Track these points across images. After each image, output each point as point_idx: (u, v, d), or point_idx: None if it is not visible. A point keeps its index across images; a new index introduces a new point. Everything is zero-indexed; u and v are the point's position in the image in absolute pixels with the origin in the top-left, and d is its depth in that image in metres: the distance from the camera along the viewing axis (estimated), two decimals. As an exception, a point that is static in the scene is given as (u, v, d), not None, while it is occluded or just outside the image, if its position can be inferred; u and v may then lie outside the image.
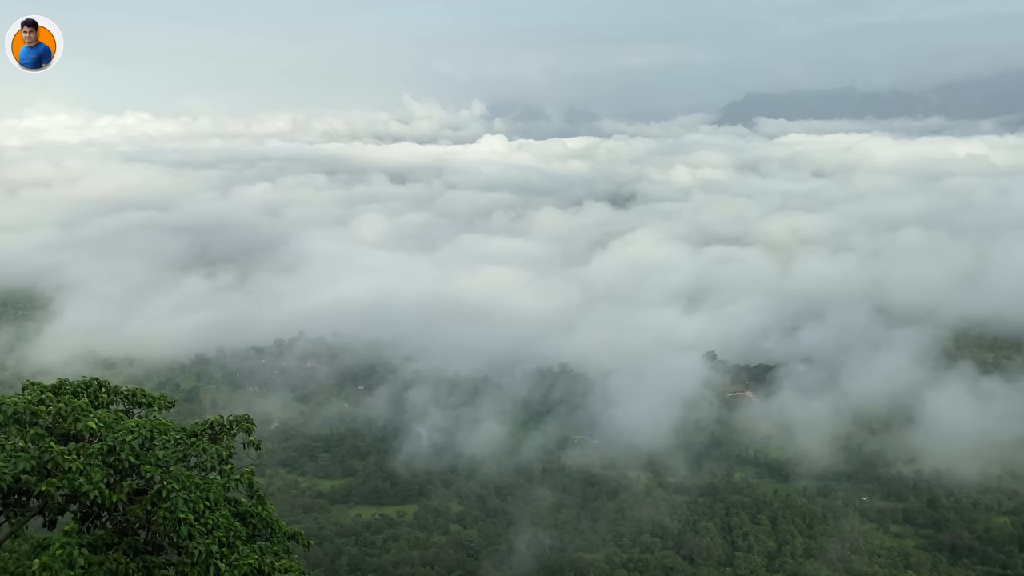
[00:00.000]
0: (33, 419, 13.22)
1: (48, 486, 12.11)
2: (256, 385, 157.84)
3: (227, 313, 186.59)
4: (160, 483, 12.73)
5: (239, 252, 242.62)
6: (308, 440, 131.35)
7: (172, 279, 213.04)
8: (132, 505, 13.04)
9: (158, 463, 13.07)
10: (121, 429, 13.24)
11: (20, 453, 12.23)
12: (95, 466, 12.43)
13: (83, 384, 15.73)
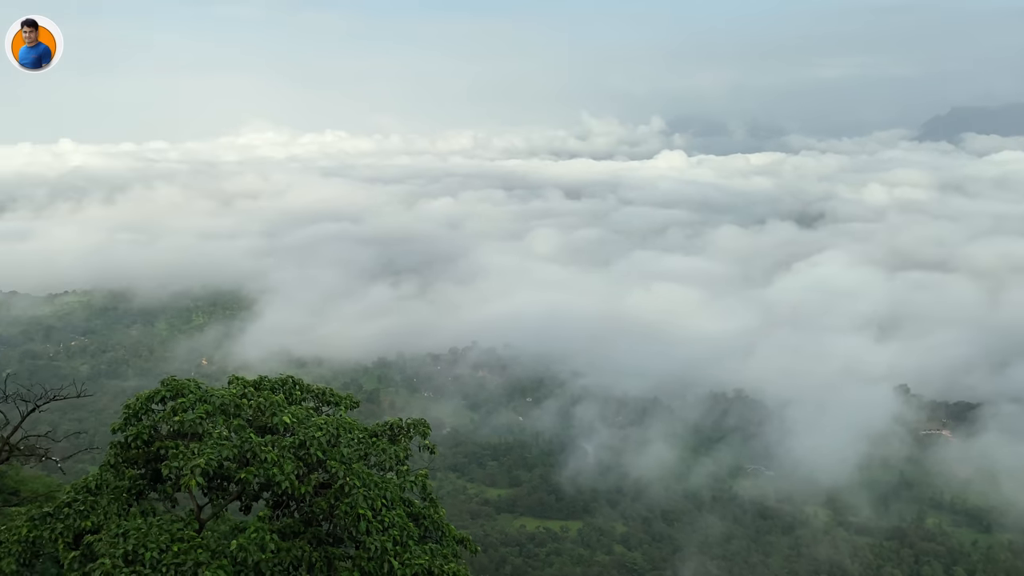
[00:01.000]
0: (237, 411, 14.42)
1: (247, 474, 13.13)
2: (431, 390, 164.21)
3: (408, 320, 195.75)
4: (343, 479, 13.44)
5: (421, 263, 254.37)
6: (477, 447, 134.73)
7: (360, 287, 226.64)
8: (317, 497, 13.86)
9: (342, 460, 13.80)
10: (311, 425, 14.14)
11: (224, 442, 13.36)
12: (287, 458, 13.34)
13: (280, 381, 16.95)
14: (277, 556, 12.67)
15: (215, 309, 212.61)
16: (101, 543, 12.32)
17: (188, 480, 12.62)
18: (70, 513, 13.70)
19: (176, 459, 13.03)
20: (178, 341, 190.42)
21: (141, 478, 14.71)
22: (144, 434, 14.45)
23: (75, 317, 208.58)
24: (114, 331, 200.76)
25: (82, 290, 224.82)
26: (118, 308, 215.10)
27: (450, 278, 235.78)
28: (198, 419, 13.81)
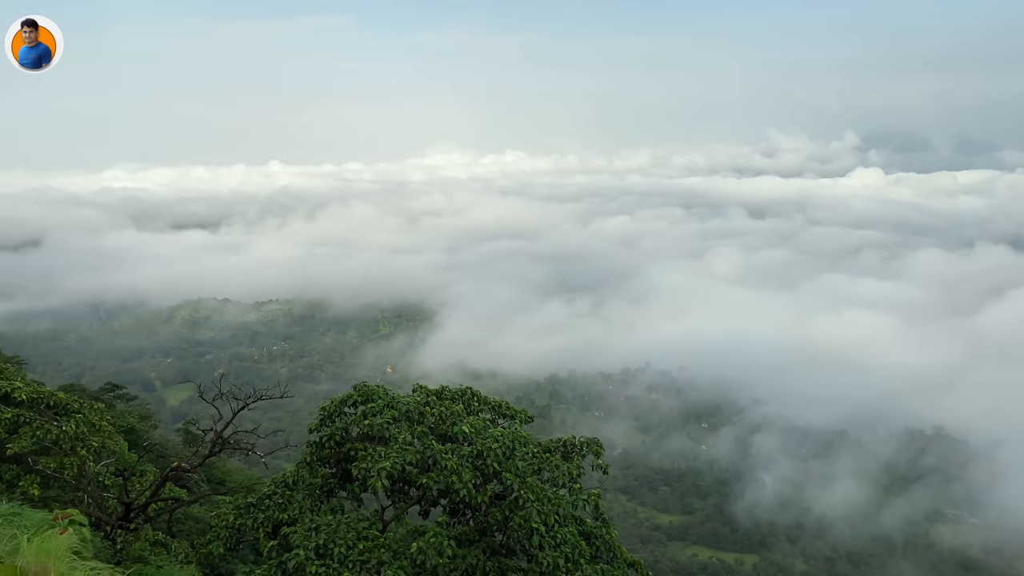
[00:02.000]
0: (420, 418, 15.03)
1: (428, 479, 13.63)
2: (602, 410, 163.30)
3: (581, 338, 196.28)
4: (518, 491, 13.60)
5: (596, 281, 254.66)
6: (648, 471, 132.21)
7: (535, 303, 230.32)
8: (493, 508, 14.12)
9: (517, 472, 13.99)
10: (488, 437, 14.46)
11: (408, 447, 13.96)
12: (466, 467, 13.72)
13: (459, 392, 17.50)
14: (453, 562, 13.02)
15: (400, 320, 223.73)
16: (296, 535, 13.23)
17: (375, 482, 13.27)
18: (270, 505, 14.84)
19: (364, 461, 13.76)
20: (366, 349, 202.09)
21: (332, 477, 15.67)
22: (336, 435, 15.40)
23: (277, 324, 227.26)
24: (310, 338, 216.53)
25: (284, 299, 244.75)
26: (315, 317, 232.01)
27: (624, 297, 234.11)
28: (385, 424, 14.52)
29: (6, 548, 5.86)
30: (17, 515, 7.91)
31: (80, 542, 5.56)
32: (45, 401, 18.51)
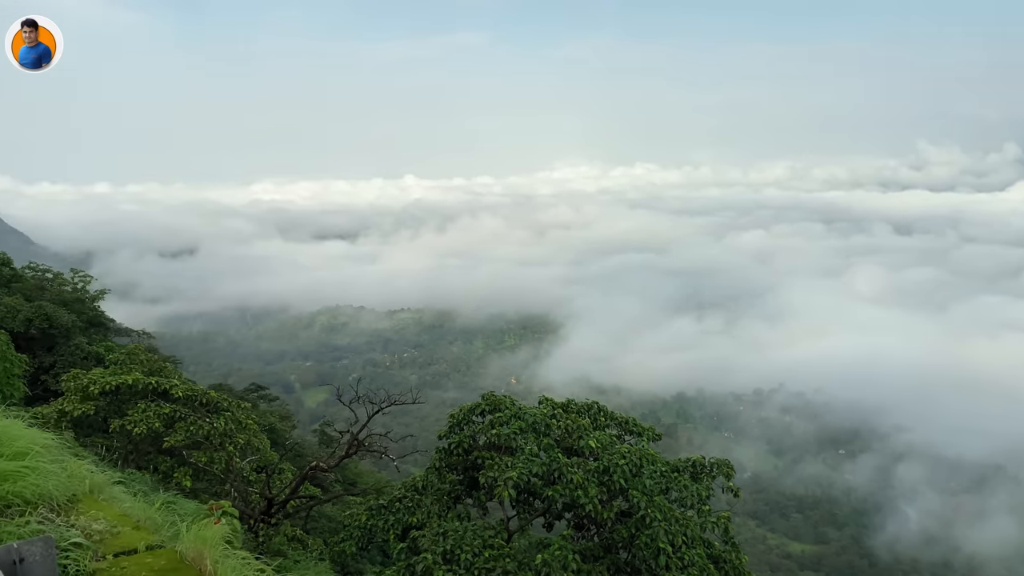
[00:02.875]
0: (547, 430, 15.06)
1: (553, 492, 13.62)
2: (732, 431, 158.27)
3: (710, 356, 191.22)
4: (644, 509, 13.36)
5: (727, 297, 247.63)
6: (780, 496, 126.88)
7: (663, 318, 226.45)
8: (618, 525, 13.94)
9: (644, 490, 13.74)
10: (615, 452, 14.30)
11: (534, 459, 14.00)
12: (592, 482, 13.61)
13: (586, 406, 17.40)
14: (576, 576, 12.93)
15: (525, 332, 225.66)
16: (424, 539, 13.54)
17: (501, 491, 13.39)
18: (400, 508, 15.27)
19: (491, 470, 13.92)
20: (491, 359, 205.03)
21: (460, 484, 15.94)
22: (464, 443, 15.66)
23: (408, 332, 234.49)
24: (439, 346, 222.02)
25: (415, 308, 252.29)
26: (443, 326, 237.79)
27: (758, 315, 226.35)
28: (512, 434, 14.63)
29: (167, 534, 6.34)
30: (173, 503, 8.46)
31: (231, 532, 5.92)
32: (198, 399, 19.87)
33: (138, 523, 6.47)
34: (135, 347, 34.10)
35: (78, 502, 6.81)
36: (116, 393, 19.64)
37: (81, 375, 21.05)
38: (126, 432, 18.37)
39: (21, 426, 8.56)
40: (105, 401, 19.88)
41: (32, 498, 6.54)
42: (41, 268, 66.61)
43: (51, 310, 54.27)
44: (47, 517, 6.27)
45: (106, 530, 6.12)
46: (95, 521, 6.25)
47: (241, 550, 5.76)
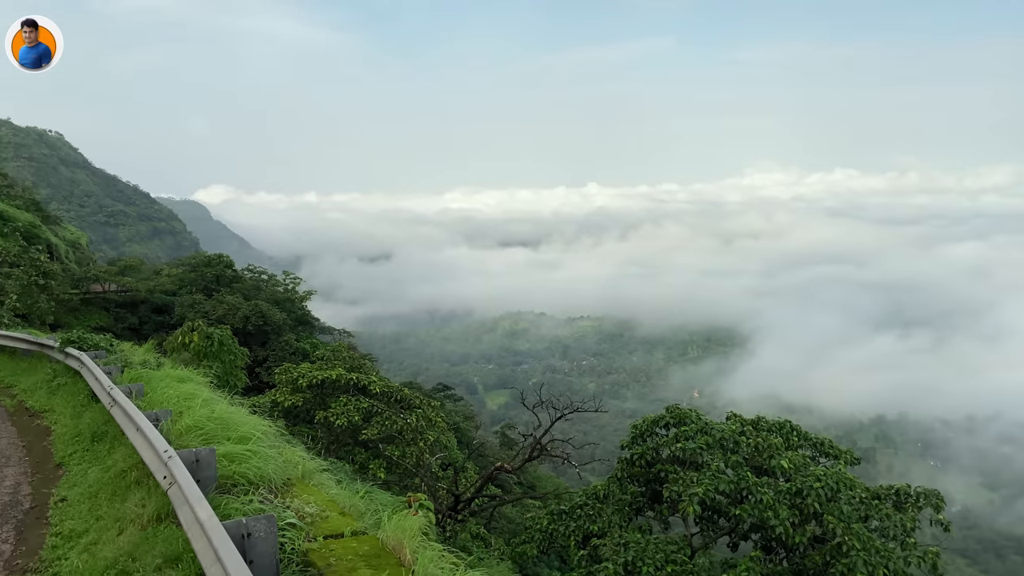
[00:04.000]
0: (735, 447, 14.51)
1: (741, 511, 13.09)
2: (939, 459, 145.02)
3: (916, 377, 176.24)
4: (841, 536, 12.52)
5: (936, 314, 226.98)
6: (995, 535, 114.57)
7: (862, 335, 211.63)
8: (811, 551, 13.16)
9: (841, 516, 12.89)
10: (809, 475, 13.51)
11: (721, 475, 13.54)
12: (783, 504, 12.95)
13: (777, 424, 16.59)
14: (765, 601, 12.35)
15: (709, 344, 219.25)
16: (605, 548, 13.47)
17: (686, 506, 13.06)
18: (581, 515, 15.29)
19: (676, 484, 13.61)
20: (673, 371, 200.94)
21: (641, 495, 15.73)
22: (647, 455, 15.44)
23: (588, 340, 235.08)
24: (618, 355, 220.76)
25: (595, 316, 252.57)
26: (623, 335, 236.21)
27: (972, 334, 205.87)
28: (698, 449, 14.24)
29: (369, 521, 6.73)
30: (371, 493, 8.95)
31: (428, 524, 6.19)
32: (393, 395, 21.03)
33: (343, 509, 6.92)
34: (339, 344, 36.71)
35: (292, 486, 7.40)
36: (321, 387, 21.22)
37: (291, 369, 22.94)
38: (329, 423, 19.78)
39: (244, 413, 9.46)
40: (311, 394, 21.54)
41: (254, 479, 7.19)
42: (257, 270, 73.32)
43: (266, 308, 59.58)
44: (266, 498, 6.86)
45: (316, 513, 6.59)
46: (307, 504, 6.76)
47: (436, 542, 6.00)
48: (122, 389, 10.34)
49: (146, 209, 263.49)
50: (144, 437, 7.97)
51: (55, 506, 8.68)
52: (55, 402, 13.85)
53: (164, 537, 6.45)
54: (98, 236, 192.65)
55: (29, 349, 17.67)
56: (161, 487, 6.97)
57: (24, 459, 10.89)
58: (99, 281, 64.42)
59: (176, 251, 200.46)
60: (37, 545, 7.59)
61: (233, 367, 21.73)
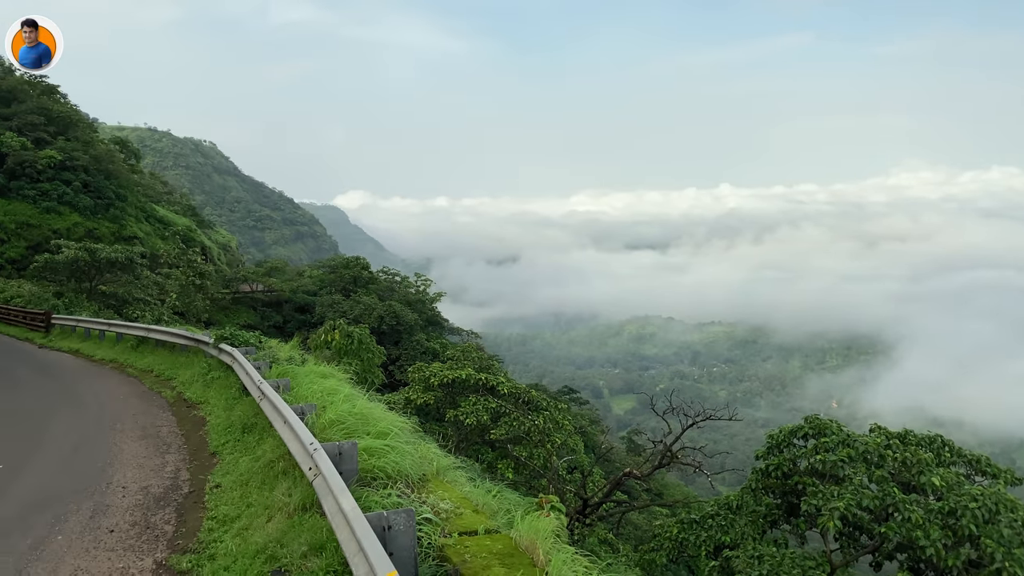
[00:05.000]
0: (880, 461, 13.70)
1: (887, 529, 12.34)
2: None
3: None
4: (1001, 563, 11.58)
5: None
6: None
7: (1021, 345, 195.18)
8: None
9: (1001, 540, 11.91)
10: (964, 494, 12.57)
11: (864, 490, 12.81)
12: (934, 524, 12.11)
13: (927, 438, 15.54)
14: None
15: (850, 352, 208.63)
16: (739, 560, 13.05)
17: (826, 521, 12.45)
18: (712, 525, 14.89)
19: (814, 497, 13.00)
20: (810, 379, 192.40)
21: (777, 508, 15.14)
22: (784, 466, 14.85)
23: (718, 346, 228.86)
24: (751, 363, 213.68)
25: (727, 322, 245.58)
26: (757, 342, 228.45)
27: None
28: (839, 462, 13.55)
29: (501, 520, 6.82)
30: (500, 493, 9.06)
31: (559, 526, 6.20)
32: (521, 397, 21.22)
33: (476, 507, 7.04)
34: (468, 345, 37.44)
35: (427, 481, 7.60)
36: (451, 386, 21.71)
37: (424, 368, 23.60)
38: (458, 422, 20.20)
39: (383, 409, 9.81)
40: (442, 392, 22.07)
41: (392, 474, 7.43)
42: (391, 272, 76.08)
43: (399, 309, 61.71)
44: (403, 492, 7.08)
45: (451, 510, 6.74)
46: (441, 501, 6.92)
47: (567, 545, 6.00)
48: (270, 384, 10.94)
49: (290, 214, 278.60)
50: (291, 429, 8.41)
51: (210, 492, 9.29)
52: (210, 394, 14.84)
53: (309, 526, 6.77)
54: (246, 239, 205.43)
55: (187, 344, 19.02)
56: (306, 478, 7.33)
57: (183, 447, 11.74)
58: (247, 281, 68.74)
59: (317, 253, 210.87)
60: (195, 527, 8.16)
61: (371, 365, 22.58)
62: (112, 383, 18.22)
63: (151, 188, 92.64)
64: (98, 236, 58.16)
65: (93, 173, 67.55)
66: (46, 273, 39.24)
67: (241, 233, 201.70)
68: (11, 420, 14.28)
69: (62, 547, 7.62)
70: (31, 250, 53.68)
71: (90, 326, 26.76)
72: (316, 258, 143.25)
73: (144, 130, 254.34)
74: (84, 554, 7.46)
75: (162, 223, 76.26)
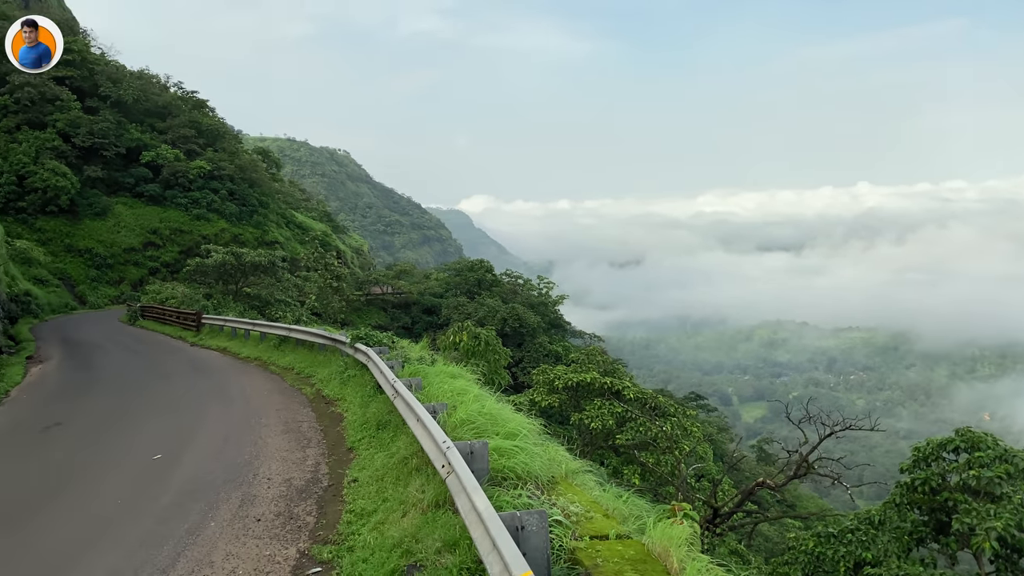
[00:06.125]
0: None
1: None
2: None
3: None
4: None
5: None
6: None
7: None
8: None
9: None
10: None
11: None
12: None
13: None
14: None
15: (1004, 361, 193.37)
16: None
17: (981, 542, 11.60)
18: (853, 540, 14.15)
19: (968, 515, 12.14)
20: (958, 389, 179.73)
21: (923, 525, 14.25)
22: (932, 481, 13.95)
23: (856, 352, 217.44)
24: (892, 370, 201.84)
25: (865, 327, 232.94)
26: (898, 348, 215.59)
27: None
28: (996, 478, 12.59)
29: (632, 526, 6.73)
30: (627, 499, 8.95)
31: (693, 535, 6.04)
32: (647, 402, 20.93)
33: (607, 511, 6.98)
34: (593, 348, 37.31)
35: (556, 484, 7.60)
36: (576, 389, 21.69)
37: (548, 370, 23.70)
38: (583, 426, 20.15)
39: (511, 410, 9.90)
40: (566, 395, 22.09)
41: (522, 475, 7.48)
42: (514, 275, 77.02)
43: (522, 311, 62.33)
44: (533, 493, 7.11)
45: (581, 513, 6.71)
46: (571, 504, 6.90)
47: (701, 554, 5.84)
48: (403, 382, 11.28)
49: (418, 218, 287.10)
50: (424, 427, 8.62)
51: (348, 486, 9.66)
52: (346, 392, 15.47)
53: (443, 523, 6.92)
54: (377, 243, 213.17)
55: (324, 344, 19.91)
56: (439, 475, 7.49)
57: (322, 442, 12.29)
58: (378, 284, 71.41)
59: (442, 256, 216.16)
60: (335, 520, 8.51)
61: (497, 366, 22.91)
62: (256, 379, 19.32)
63: (290, 195, 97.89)
64: (243, 241, 62.07)
65: (238, 182, 72.13)
66: (197, 276, 42.16)
67: (372, 237, 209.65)
68: (169, 413, 15.40)
69: (215, 533, 8.14)
70: (183, 254, 57.96)
71: (236, 325, 28.48)
72: (442, 261, 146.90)
73: (284, 140, 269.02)
74: (235, 540, 7.94)
75: (300, 228, 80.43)
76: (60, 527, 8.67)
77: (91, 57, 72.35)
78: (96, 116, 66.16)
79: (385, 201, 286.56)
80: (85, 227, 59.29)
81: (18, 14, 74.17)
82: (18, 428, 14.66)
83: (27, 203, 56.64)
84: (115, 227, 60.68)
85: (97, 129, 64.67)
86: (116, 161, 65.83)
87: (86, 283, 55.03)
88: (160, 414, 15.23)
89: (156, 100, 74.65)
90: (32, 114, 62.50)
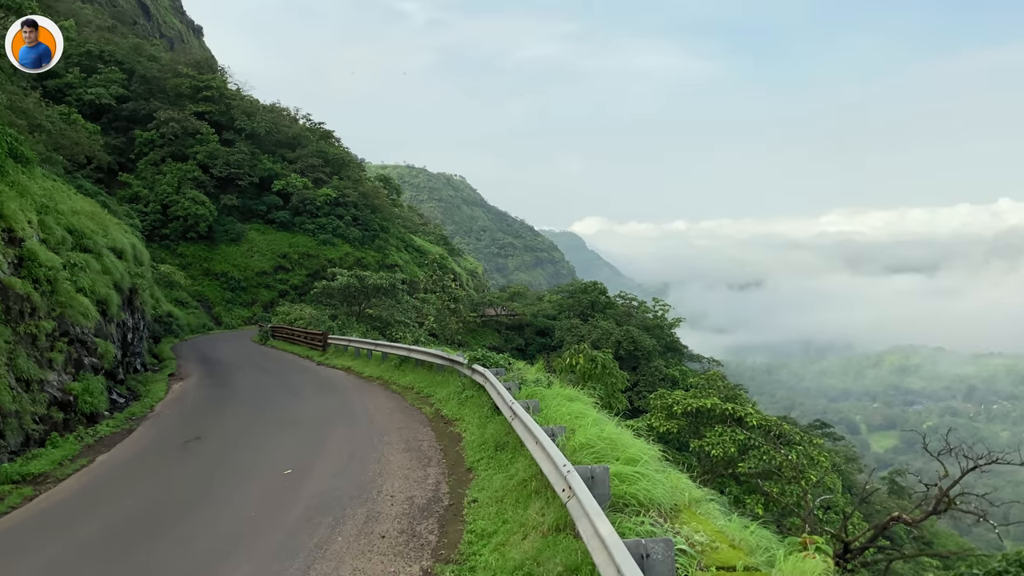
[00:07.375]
0: None
1: None
2: None
3: None
4: None
5: None
6: None
7: None
8: None
9: None
10: None
11: None
12: None
13: None
14: None
15: None
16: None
17: None
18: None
19: None
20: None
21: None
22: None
23: (999, 380, 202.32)
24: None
25: (1010, 353, 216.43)
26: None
27: None
28: None
29: (760, 558, 6.47)
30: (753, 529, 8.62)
31: (826, 570, 5.76)
32: (771, 429, 20.17)
33: (733, 542, 6.75)
34: (713, 373, 36.34)
35: (679, 512, 7.42)
36: (696, 415, 21.17)
37: (666, 395, 23.26)
38: (703, 453, 19.61)
39: (631, 435, 9.76)
40: (686, 421, 21.59)
41: (644, 501, 7.35)
42: (628, 296, 76.10)
43: (636, 334, 61.50)
44: (656, 521, 6.97)
45: (706, 543, 6.52)
46: (696, 533, 6.71)
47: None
48: (520, 404, 11.33)
49: (531, 241, 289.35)
50: (543, 450, 8.62)
51: (468, 506, 9.76)
52: (464, 412, 15.69)
53: (564, 547, 6.87)
54: (491, 266, 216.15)
55: (443, 364, 20.29)
56: (559, 499, 7.45)
57: (441, 461, 12.49)
58: (492, 305, 72.25)
59: (555, 278, 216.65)
60: (456, 539, 8.61)
61: (614, 390, 22.69)
62: (379, 398, 19.90)
63: (409, 220, 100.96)
64: (365, 264, 64.41)
65: (361, 208, 75.09)
66: (323, 298, 44.03)
67: (486, 260, 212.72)
68: (298, 429, 16.07)
69: (342, 548, 8.40)
70: (310, 277, 60.75)
71: (359, 345, 29.47)
72: (555, 283, 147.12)
73: (403, 167, 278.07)
74: (360, 556, 8.16)
75: (419, 252, 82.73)
76: (200, 534, 9.20)
77: (228, 93, 77.38)
78: (232, 148, 70.66)
79: (499, 224, 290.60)
80: (221, 252, 63.16)
81: (166, 56, 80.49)
82: (163, 441, 15.66)
83: (170, 230, 61.05)
84: (248, 252, 64.35)
85: (233, 160, 69.05)
86: (250, 190, 69.97)
87: (222, 304, 58.49)
88: (290, 430, 15.91)
89: (286, 132, 79.01)
90: (175, 147, 67.39)
